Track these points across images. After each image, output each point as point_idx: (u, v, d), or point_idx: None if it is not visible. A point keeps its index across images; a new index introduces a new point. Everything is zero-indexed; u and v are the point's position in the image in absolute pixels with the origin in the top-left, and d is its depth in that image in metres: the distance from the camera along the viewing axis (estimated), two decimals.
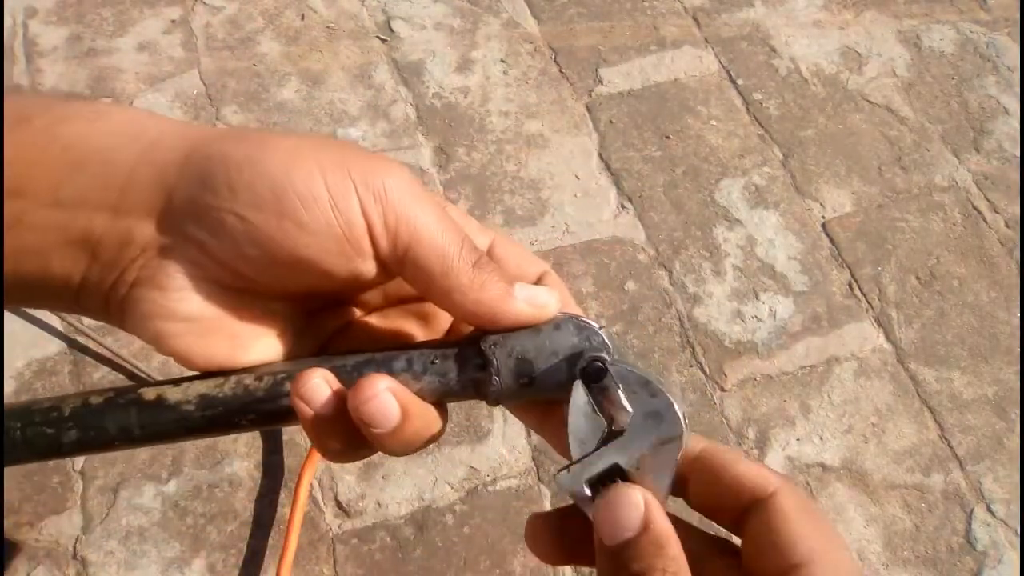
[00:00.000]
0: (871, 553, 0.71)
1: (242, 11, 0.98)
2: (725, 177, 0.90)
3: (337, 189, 0.28)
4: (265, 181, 0.28)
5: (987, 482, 0.74)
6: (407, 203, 0.29)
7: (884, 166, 0.92)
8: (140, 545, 0.67)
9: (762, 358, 0.79)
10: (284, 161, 0.28)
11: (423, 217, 0.29)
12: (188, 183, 0.28)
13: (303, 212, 0.28)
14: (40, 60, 0.93)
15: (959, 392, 0.79)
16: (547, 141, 0.91)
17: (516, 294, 0.30)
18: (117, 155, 0.28)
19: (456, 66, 0.96)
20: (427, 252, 0.29)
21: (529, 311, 0.30)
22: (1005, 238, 0.88)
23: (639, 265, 0.84)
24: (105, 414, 0.29)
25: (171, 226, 0.28)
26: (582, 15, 1.01)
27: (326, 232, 0.28)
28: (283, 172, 0.28)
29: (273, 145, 0.29)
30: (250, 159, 0.28)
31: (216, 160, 0.28)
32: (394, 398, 0.29)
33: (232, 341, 0.30)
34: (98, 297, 0.30)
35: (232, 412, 0.30)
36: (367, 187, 0.29)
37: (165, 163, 0.29)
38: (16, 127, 0.28)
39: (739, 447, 0.75)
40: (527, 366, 0.29)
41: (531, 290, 0.31)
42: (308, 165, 0.28)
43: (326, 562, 0.68)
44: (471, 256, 0.30)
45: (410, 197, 0.29)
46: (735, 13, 1.03)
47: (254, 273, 0.29)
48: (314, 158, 0.29)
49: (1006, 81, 0.99)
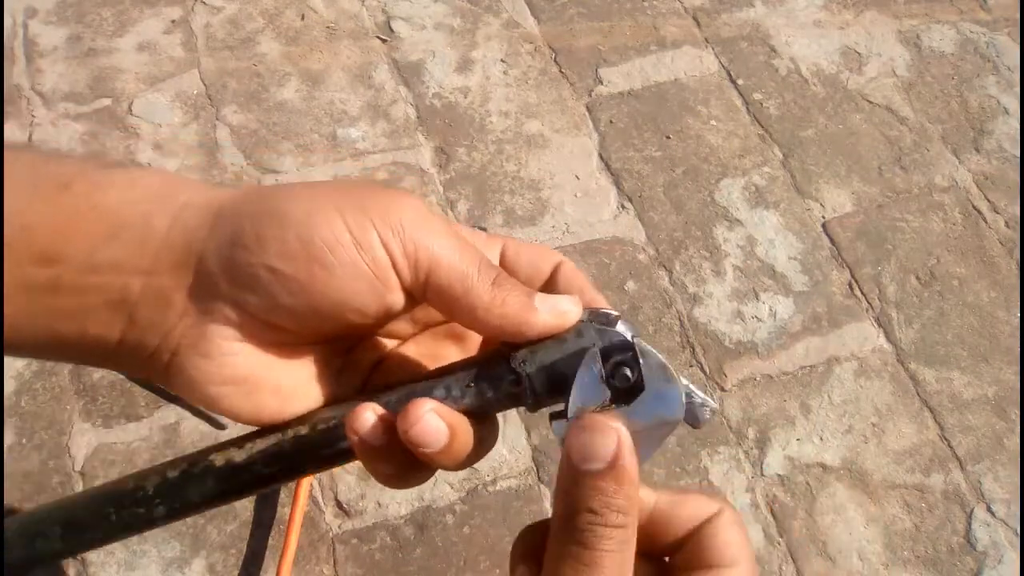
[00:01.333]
0: (871, 553, 0.71)
1: (242, 11, 0.98)
2: (725, 177, 0.90)
3: (358, 229, 0.30)
4: (291, 232, 0.29)
5: (987, 482, 0.74)
6: (423, 232, 0.31)
7: (884, 166, 0.92)
8: (140, 545, 0.68)
9: (762, 358, 0.79)
10: (306, 210, 0.30)
11: (439, 243, 0.31)
12: (219, 244, 0.30)
13: (330, 255, 0.30)
14: (40, 60, 0.93)
15: (959, 392, 0.79)
16: (547, 141, 0.91)
17: (538, 306, 0.31)
18: (151, 221, 0.30)
19: (456, 66, 0.96)
20: (447, 275, 0.31)
21: (553, 321, 0.31)
22: (1005, 238, 0.88)
23: (639, 265, 0.84)
24: (186, 487, 0.32)
25: (207, 288, 0.30)
26: (582, 15, 1.01)
27: (353, 271, 0.30)
28: (306, 220, 0.30)
29: (294, 196, 0.31)
30: (274, 213, 0.30)
31: (243, 218, 0.30)
32: (440, 418, 0.30)
33: (278, 395, 0.32)
34: (139, 359, 0.31)
35: (296, 464, 0.32)
36: (385, 223, 0.30)
37: (196, 226, 0.30)
38: (57, 194, 0.30)
39: (739, 447, 0.75)
40: (558, 374, 0.31)
41: (552, 300, 0.32)
42: (328, 211, 0.30)
43: (326, 562, 0.68)
44: (489, 274, 0.31)
45: (425, 226, 0.31)
46: (735, 13, 1.03)
47: (291, 323, 0.31)
48: (332, 203, 0.30)
49: (1006, 81, 0.99)
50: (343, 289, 0.30)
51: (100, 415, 0.72)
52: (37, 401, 0.73)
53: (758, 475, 0.74)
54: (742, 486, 0.73)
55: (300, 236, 0.29)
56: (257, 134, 0.89)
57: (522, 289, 0.32)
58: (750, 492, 0.73)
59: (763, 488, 0.73)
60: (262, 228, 0.30)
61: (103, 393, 0.73)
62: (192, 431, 0.72)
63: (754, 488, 0.73)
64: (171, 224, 0.30)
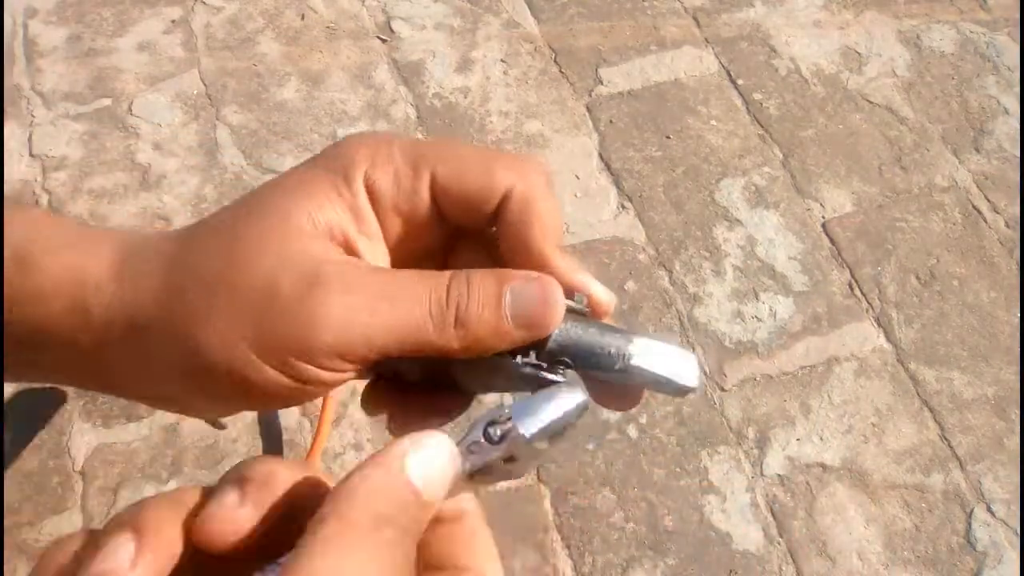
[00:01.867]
0: (871, 553, 0.71)
1: (242, 11, 0.98)
2: (725, 177, 0.90)
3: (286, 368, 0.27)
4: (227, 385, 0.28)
5: (987, 482, 0.74)
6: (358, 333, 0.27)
7: (884, 166, 0.92)
8: None
9: (762, 358, 0.79)
10: (227, 360, 0.27)
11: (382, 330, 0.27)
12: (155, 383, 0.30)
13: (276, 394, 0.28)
14: (40, 60, 0.93)
15: (959, 392, 0.79)
16: (547, 141, 0.91)
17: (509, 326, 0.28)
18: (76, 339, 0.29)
19: (456, 66, 0.96)
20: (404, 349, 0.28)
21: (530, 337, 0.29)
22: (1005, 238, 0.88)
23: (639, 265, 0.84)
24: None
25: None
26: (582, 15, 1.01)
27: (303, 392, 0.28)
28: (236, 372, 0.27)
29: (206, 334, 0.27)
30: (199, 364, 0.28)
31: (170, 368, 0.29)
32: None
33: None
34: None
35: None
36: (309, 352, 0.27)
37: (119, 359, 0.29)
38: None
39: (739, 447, 0.75)
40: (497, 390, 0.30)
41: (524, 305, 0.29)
42: (247, 358, 0.27)
43: None
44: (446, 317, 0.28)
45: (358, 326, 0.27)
46: (735, 13, 1.03)
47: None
48: (245, 343, 0.27)
49: (1006, 81, 0.99)
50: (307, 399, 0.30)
51: (100, 415, 0.72)
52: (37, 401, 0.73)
53: (758, 475, 0.74)
54: (742, 486, 0.73)
55: (238, 387, 0.28)
56: (257, 134, 0.89)
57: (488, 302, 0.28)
58: (750, 492, 0.73)
59: (763, 488, 0.73)
60: (198, 379, 0.28)
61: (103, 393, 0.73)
62: (192, 431, 0.72)
63: (754, 488, 0.73)
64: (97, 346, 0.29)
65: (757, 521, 0.72)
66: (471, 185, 0.30)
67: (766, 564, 0.70)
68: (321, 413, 0.72)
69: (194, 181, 0.86)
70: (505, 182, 0.30)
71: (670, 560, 0.69)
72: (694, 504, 0.72)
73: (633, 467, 0.73)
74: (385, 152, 0.30)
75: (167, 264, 0.29)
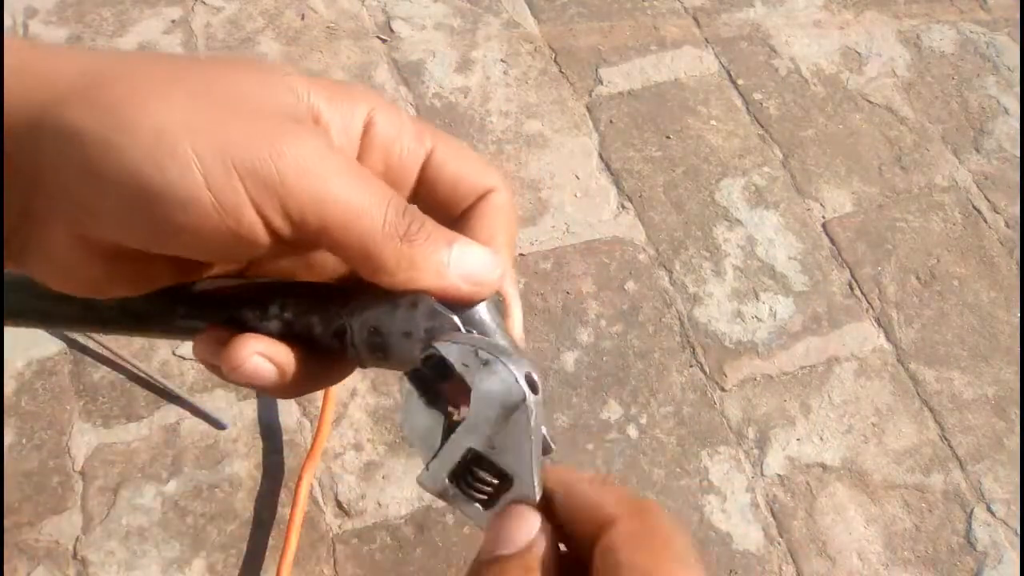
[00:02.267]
0: (871, 553, 0.71)
1: (242, 11, 0.98)
2: (725, 177, 0.90)
3: (219, 186, 0.24)
4: (134, 179, 0.23)
5: (987, 482, 0.74)
6: (310, 183, 0.24)
7: (884, 166, 0.92)
8: (140, 545, 0.68)
9: (762, 358, 0.79)
10: (152, 150, 0.23)
11: (333, 195, 0.25)
12: (47, 157, 0.24)
13: (183, 216, 0.24)
14: None
15: (959, 392, 0.79)
16: (547, 141, 0.91)
17: (453, 266, 0.27)
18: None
19: (456, 66, 0.96)
20: (343, 235, 0.25)
21: (466, 289, 0.27)
22: (1005, 238, 0.88)
23: (639, 265, 0.84)
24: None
25: (38, 191, 0.25)
26: (582, 15, 1.01)
27: (210, 232, 0.24)
28: (153, 168, 0.23)
29: (135, 117, 0.24)
30: (111, 145, 0.23)
31: (72, 136, 0.24)
32: (266, 360, 0.28)
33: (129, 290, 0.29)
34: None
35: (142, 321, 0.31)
36: (256, 178, 0.24)
37: (16, 122, 0.24)
38: None
39: (739, 447, 0.75)
40: (380, 341, 0.28)
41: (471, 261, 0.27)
42: (181, 156, 0.23)
43: (326, 562, 0.68)
44: (397, 227, 0.26)
45: (312, 175, 0.25)
46: (735, 13, 1.03)
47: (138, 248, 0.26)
48: (188, 140, 0.23)
49: (1006, 81, 0.99)
50: (193, 246, 0.25)
51: (100, 415, 0.72)
52: (37, 401, 0.73)
53: (758, 475, 0.74)
54: (742, 486, 0.73)
55: (144, 188, 0.23)
56: None
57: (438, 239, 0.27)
58: (750, 492, 0.73)
59: (763, 488, 0.73)
60: (95, 164, 0.23)
61: (103, 393, 0.73)
62: (192, 431, 0.72)
63: (754, 488, 0.73)
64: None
65: (757, 521, 0.72)
66: (465, 170, 0.30)
67: (766, 564, 0.70)
68: (321, 413, 0.72)
69: None
70: (492, 181, 0.30)
71: None
72: (694, 504, 0.72)
73: (633, 467, 0.73)
74: (394, 108, 0.30)
75: (108, 53, 0.27)
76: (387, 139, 0.29)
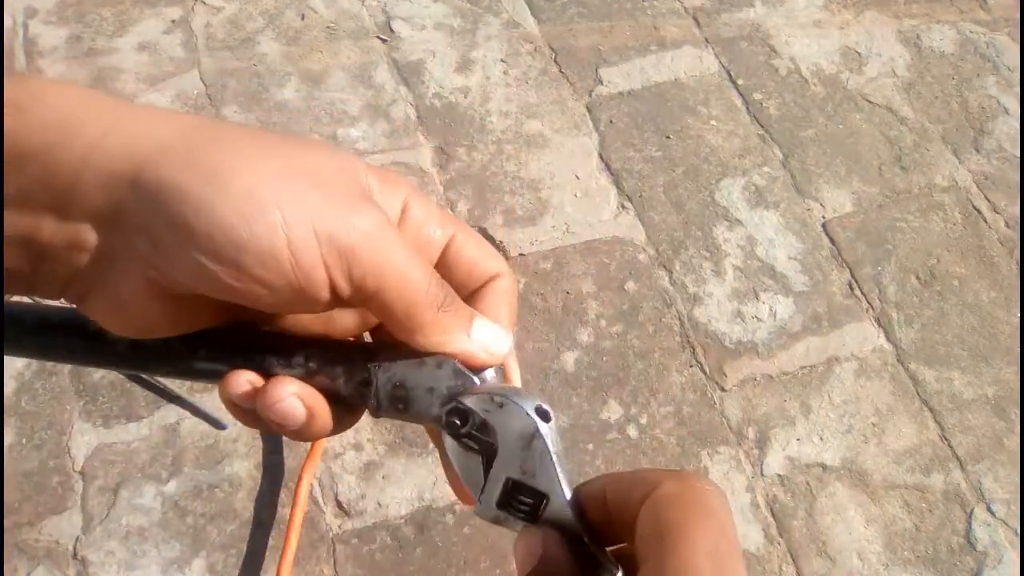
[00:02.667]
0: (871, 553, 0.71)
1: (242, 11, 0.98)
2: (725, 177, 0.90)
3: (300, 247, 0.27)
4: (223, 232, 0.27)
5: (987, 482, 0.74)
6: (374, 254, 0.28)
7: (884, 166, 0.92)
8: (140, 545, 0.67)
9: (762, 358, 0.79)
10: (243, 210, 0.27)
11: (392, 264, 0.29)
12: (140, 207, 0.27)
13: (261, 269, 0.27)
14: (40, 60, 0.93)
15: (959, 392, 0.79)
16: (547, 141, 0.91)
17: (474, 337, 0.32)
18: (58, 155, 0.27)
19: (456, 66, 0.96)
20: (393, 298, 0.29)
21: (483, 357, 0.32)
22: (1005, 238, 0.88)
23: (639, 265, 0.84)
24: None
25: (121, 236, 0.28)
26: (582, 15, 1.01)
27: (280, 286, 0.28)
28: (243, 224, 0.27)
29: (229, 181, 0.27)
30: (205, 202, 0.27)
31: (169, 192, 0.27)
32: (300, 401, 0.30)
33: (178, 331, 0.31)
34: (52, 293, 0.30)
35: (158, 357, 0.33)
36: (332, 244, 0.28)
37: (112, 173, 0.27)
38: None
39: (739, 447, 0.75)
40: (404, 394, 0.31)
41: (488, 335, 0.32)
42: (269, 216, 0.27)
43: (326, 562, 0.68)
44: (437, 298, 0.31)
45: (378, 247, 0.29)
46: (735, 13, 1.03)
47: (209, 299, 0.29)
48: (275, 204, 0.27)
49: (1006, 81, 0.99)
50: (264, 297, 0.28)
51: (100, 415, 0.72)
52: (37, 401, 0.73)
53: (758, 475, 0.74)
54: (742, 486, 0.73)
55: (232, 241, 0.27)
56: None
57: (464, 313, 0.32)
58: (750, 492, 0.73)
59: (763, 488, 0.73)
60: (191, 215, 0.26)
61: (103, 393, 0.73)
62: (192, 431, 0.72)
63: (754, 488, 0.73)
64: (82, 162, 0.27)
65: (757, 521, 0.72)
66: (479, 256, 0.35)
67: (766, 564, 0.70)
68: None
69: None
70: (500, 267, 0.35)
71: None
72: None
73: (633, 467, 0.73)
74: (425, 196, 0.34)
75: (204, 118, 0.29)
76: (419, 222, 0.34)
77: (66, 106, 0.27)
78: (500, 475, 0.31)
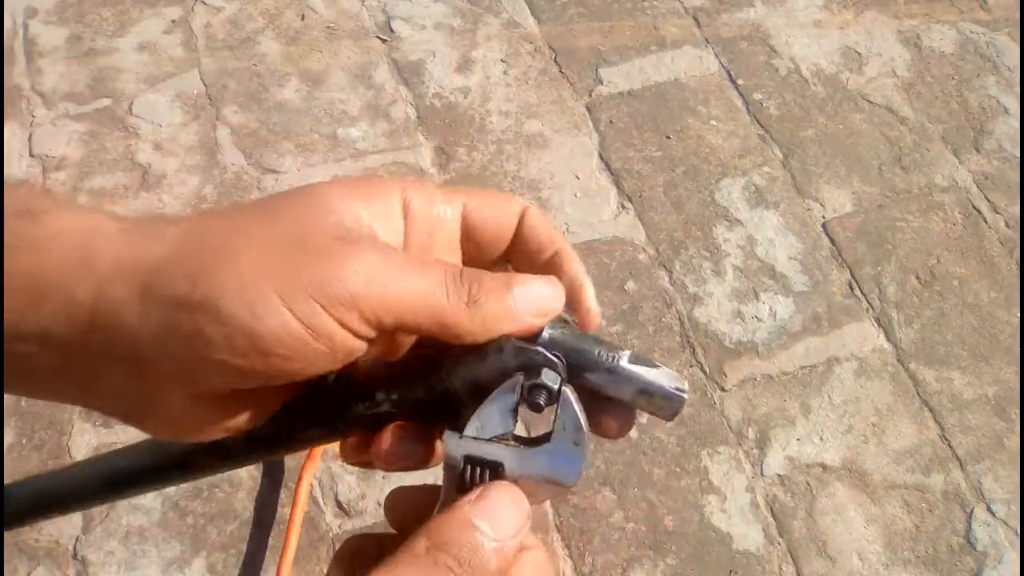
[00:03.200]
0: (871, 553, 0.71)
1: (242, 11, 0.98)
2: (725, 177, 0.90)
3: (304, 314, 0.27)
4: (234, 329, 0.27)
5: (987, 482, 0.74)
6: (374, 290, 0.28)
7: (884, 166, 0.92)
8: (140, 545, 0.67)
9: (762, 358, 0.79)
10: (243, 301, 0.27)
11: (395, 293, 0.29)
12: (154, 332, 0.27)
13: (283, 348, 0.28)
14: (40, 60, 0.93)
15: (959, 392, 0.79)
16: (547, 141, 0.91)
17: (519, 308, 0.31)
18: (73, 291, 0.27)
19: (456, 66, 0.96)
20: (418, 319, 0.29)
21: (537, 322, 0.31)
22: (1005, 238, 0.88)
23: (639, 265, 0.84)
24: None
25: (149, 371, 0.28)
26: (582, 15, 1.01)
27: (311, 355, 0.28)
28: (248, 315, 0.27)
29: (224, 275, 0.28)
30: (209, 305, 0.27)
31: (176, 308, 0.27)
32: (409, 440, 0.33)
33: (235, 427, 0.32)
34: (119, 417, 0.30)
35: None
36: (331, 299, 0.28)
37: (121, 301, 0.28)
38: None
39: (739, 447, 0.75)
40: (482, 388, 0.31)
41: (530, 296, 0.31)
42: (267, 298, 0.27)
43: (326, 562, 0.68)
44: (461, 295, 0.30)
45: (375, 283, 0.28)
46: (735, 13, 1.03)
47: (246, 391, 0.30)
48: (268, 284, 0.27)
49: (1006, 81, 0.99)
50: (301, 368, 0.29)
51: (100, 415, 0.72)
52: (37, 401, 0.73)
53: (758, 475, 0.74)
54: (742, 486, 0.73)
55: (246, 333, 0.27)
56: (257, 134, 0.89)
57: (498, 289, 0.31)
58: (750, 492, 0.73)
59: (763, 488, 0.73)
60: (203, 323, 0.27)
61: None
62: None
63: (754, 488, 0.73)
64: (96, 298, 0.27)
65: (757, 521, 0.72)
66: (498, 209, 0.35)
67: (766, 564, 0.70)
68: None
69: (194, 181, 0.86)
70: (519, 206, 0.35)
71: (670, 560, 0.69)
72: (694, 504, 0.72)
73: (633, 467, 0.73)
74: (419, 182, 0.34)
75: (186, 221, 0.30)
76: (424, 210, 0.33)
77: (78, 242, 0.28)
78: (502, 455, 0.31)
